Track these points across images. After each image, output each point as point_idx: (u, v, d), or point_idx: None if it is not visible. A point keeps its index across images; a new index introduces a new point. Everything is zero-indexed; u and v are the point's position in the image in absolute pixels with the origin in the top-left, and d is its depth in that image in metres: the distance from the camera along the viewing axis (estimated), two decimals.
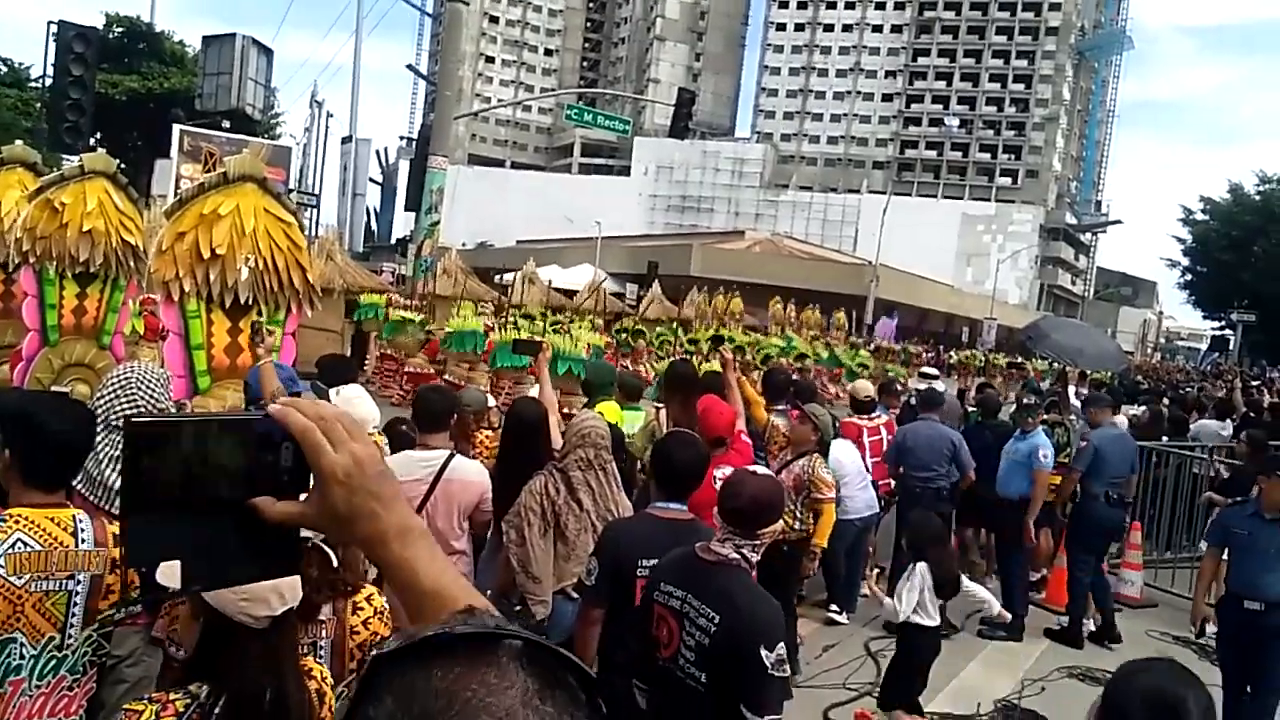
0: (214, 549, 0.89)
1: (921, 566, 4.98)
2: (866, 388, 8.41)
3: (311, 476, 0.90)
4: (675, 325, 23.16)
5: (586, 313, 22.85)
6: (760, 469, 3.44)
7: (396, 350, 16.47)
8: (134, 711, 1.86)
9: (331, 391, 3.69)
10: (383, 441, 4.54)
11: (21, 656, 2.37)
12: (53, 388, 5.28)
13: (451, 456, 4.05)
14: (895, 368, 23.61)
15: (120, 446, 3.20)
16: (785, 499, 5.63)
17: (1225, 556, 5.57)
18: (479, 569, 4.15)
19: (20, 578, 2.33)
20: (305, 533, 2.10)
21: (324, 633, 2.45)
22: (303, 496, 0.91)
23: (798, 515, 5.70)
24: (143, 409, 3.40)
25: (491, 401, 6.16)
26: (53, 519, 2.43)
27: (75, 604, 2.42)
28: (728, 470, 4.80)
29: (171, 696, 1.89)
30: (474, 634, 0.67)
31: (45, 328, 5.39)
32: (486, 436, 5.02)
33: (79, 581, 2.42)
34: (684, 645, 2.82)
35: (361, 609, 2.48)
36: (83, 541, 2.44)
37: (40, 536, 2.38)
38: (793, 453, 5.94)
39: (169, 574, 0.89)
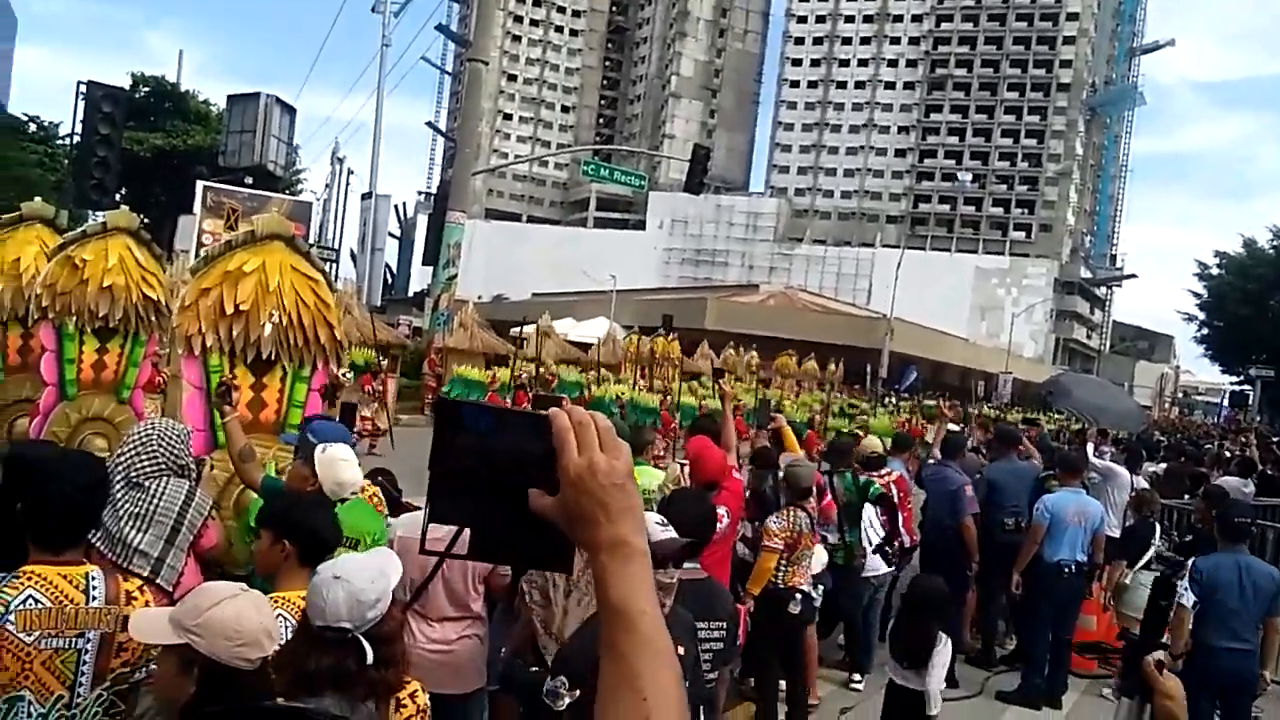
0: (500, 528, 0.98)
1: (947, 641, 4.82)
2: (874, 444, 8.41)
3: None
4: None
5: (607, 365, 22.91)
6: None
7: None
8: None
9: (318, 450, 3.68)
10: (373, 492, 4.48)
11: (29, 715, 2.35)
12: (71, 441, 5.32)
13: None
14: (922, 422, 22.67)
15: (141, 504, 3.24)
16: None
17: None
18: (493, 630, 4.11)
19: (30, 634, 2.34)
20: (342, 624, 2.10)
21: None
22: None
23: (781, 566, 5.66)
24: (163, 465, 3.42)
25: None
26: (65, 576, 2.43)
27: (85, 662, 2.41)
28: (720, 510, 4.85)
29: None
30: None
31: (63, 382, 5.44)
32: None
33: (88, 640, 2.42)
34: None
35: (404, 706, 2.34)
36: (94, 599, 2.44)
37: (50, 593, 2.39)
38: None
39: (437, 541, 1.01)
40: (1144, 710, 1.59)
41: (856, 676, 6.91)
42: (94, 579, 2.47)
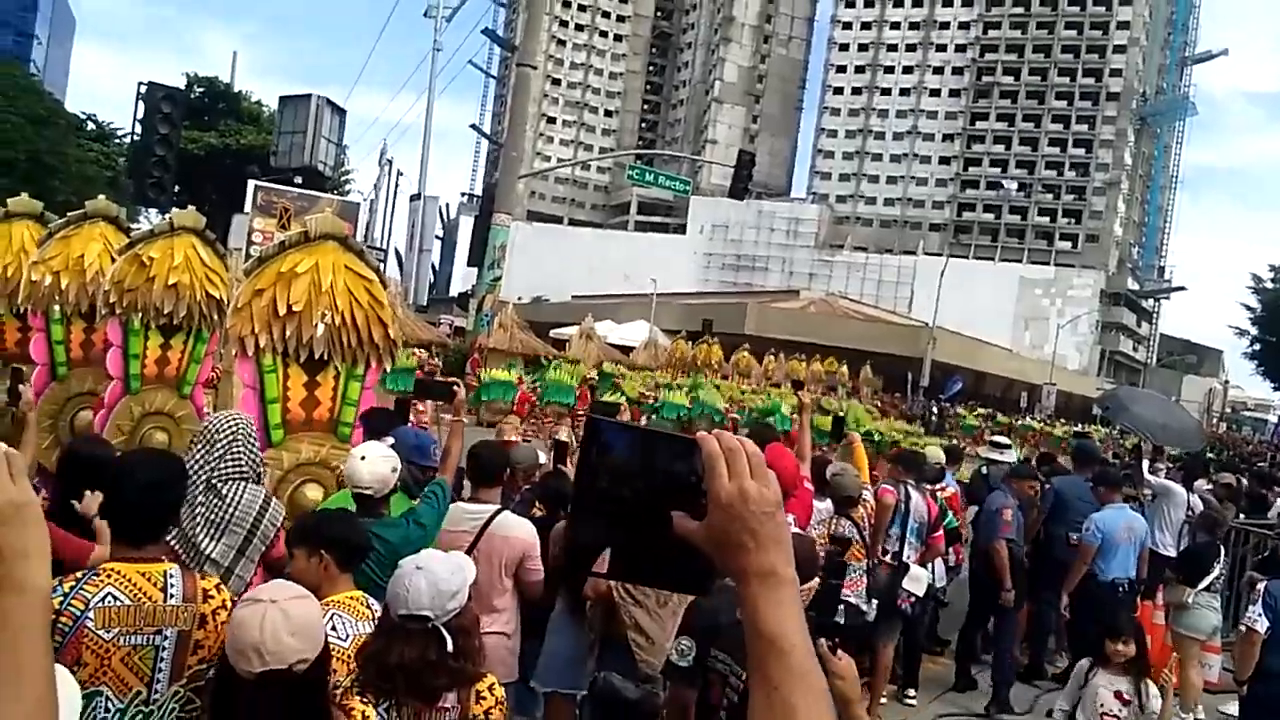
0: (639, 548, 0.98)
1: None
2: (936, 454, 8.22)
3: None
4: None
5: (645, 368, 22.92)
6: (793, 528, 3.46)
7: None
8: None
9: (356, 450, 3.79)
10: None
11: (107, 710, 2.38)
12: (133, 435, 5.41)
13: (499, 511, 4.09)
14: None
15: (217, 511, 3.26)
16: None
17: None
18: (550, 629, 4.11)
19: (109, 631, 2.36)
20: (424, 612, 2.14)
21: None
22: None
23: None
24: (245, 468, 3.45)
25: (543, 458, 6.27)
26: (144, 574, 2.46)
27: (162, 659, 2.44)
28: (789, 518, 4.80)
29: None
30: None
31: (128, 376, 5.54)
32: None
33: (166, 637, 2.44)
34: (722, 708, 2.94)
35: (484, 698, 2.42)
36: (171, 597, 2.46)
37: (130, 591, 2.41)
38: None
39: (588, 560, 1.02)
40: None
41: (911, 691, 6.85)
42: (172, 576, 2.50)
